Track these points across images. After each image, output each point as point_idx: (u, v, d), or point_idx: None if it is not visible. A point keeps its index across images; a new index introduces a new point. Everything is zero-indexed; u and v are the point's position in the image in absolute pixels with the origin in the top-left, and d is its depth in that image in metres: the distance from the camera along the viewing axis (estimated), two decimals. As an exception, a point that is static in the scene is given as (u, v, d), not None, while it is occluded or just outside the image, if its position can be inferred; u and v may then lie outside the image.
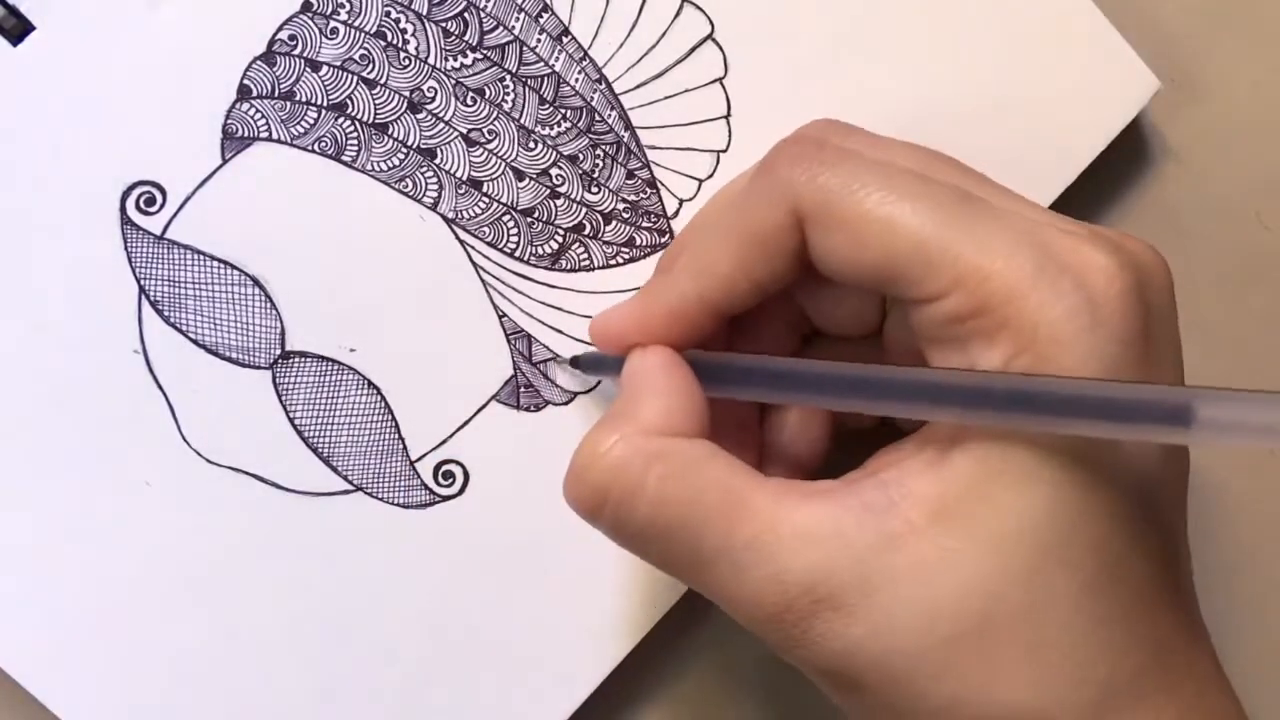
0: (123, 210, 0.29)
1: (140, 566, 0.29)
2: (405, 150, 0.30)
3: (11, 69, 0.28)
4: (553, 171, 0.30)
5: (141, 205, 0.29)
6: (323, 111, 0.29)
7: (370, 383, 0.30)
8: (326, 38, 0.29)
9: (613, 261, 0.31)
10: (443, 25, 0.30)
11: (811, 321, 0.28)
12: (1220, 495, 0.34)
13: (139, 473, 0.29)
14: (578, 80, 0.30)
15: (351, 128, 0.29)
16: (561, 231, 0.30)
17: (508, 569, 0.30)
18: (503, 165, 0.30)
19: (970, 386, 0.22)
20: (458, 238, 0.30)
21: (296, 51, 0.29)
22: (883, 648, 0.22)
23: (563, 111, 0.30)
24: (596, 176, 0.30)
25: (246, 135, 0.29)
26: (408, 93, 0.30)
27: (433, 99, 0.30)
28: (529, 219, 0.30)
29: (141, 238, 0.29)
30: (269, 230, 0.29)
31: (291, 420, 0.29)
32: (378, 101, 0.29)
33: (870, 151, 0.25)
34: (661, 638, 0.31)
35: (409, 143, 0.30)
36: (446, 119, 0.30)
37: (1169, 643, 0.23)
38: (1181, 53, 0.34)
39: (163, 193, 0.29)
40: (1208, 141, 0.35)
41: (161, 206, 0.29)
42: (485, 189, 0.30)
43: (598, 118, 0.30)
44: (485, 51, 0.30)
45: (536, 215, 0.30)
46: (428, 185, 0.30)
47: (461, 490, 0.30)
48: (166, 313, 0.29)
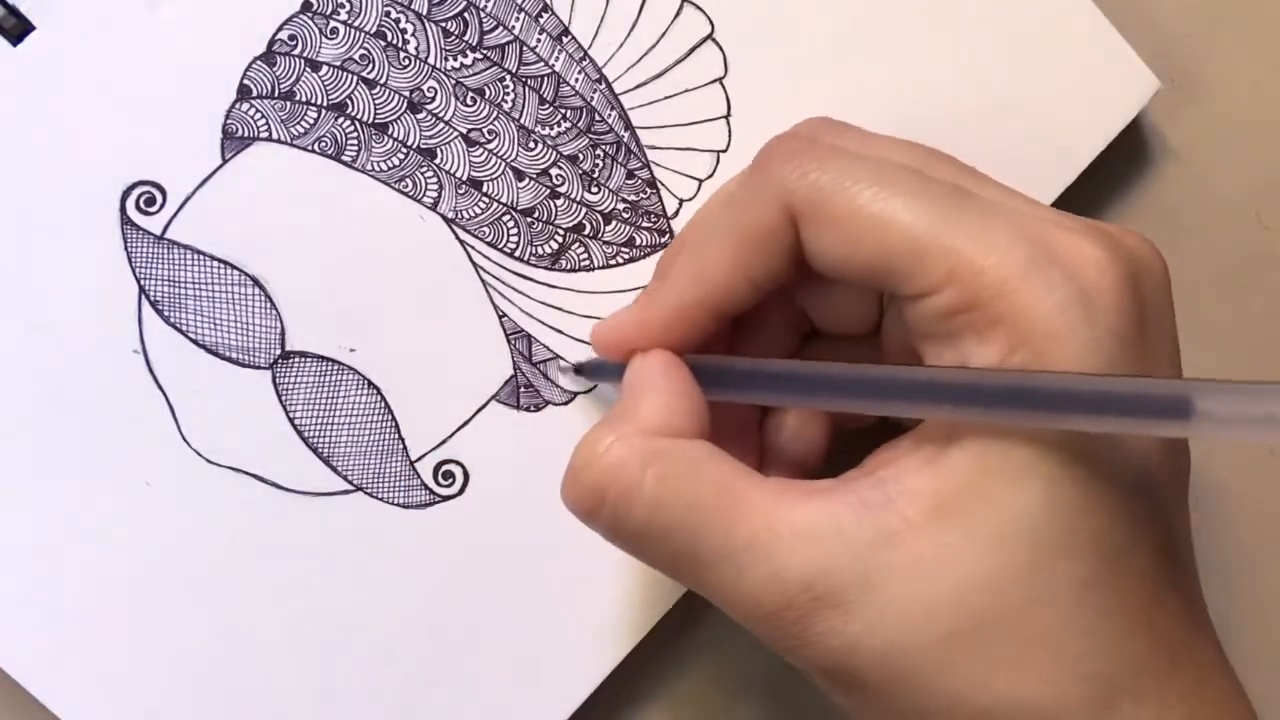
0: (123, 210, 0.29)
1: (140, 566, 0.29)
2: (405, 150, 0.30)
3: (11, 69, 0.28)
4: (553, 171, 0.30)
5: (141, 205, 0.29)
6: (323, 111, 0.29)
7: (370, 383, 0.30)
8: (326, 38, 0.29)
9: (613, 261, 0.31)
10: (443, 25, 0.30)
11: (811, 321, 0.28)
12: (1220, 495, 0.34)
13: (139, 473, 0.29)
14: (578, 80, 0.30)
15: (351, 128, 0.29)
16: (561, 231, 0.30)
17: (508, 569, 0.30)
18: (503, 165, 0.30)
19: (966, 383, 0.22)
20: (458, 238, 0.30)
21: (296, 51, 0.29)
22: (882, 645, 0.22)
23: (563, 111, 0.30)
24: (596, 176, 0.30)
25: (246, 135, 0.29)
26: (408, 93, 0.30)
27: (433, 99, 0.30)
28: (529, 219, 0.30)
29: (141, 238, 0.29)
30: (269, 230, 0.29)
31: (291, 420, 0.29)
32: (378, 101, 0.29)
33: (863, 148, 0.25)
34: (661, 638, 0.31)
35: (409, 143, 0.30)
36: (446, 119, 0.30)
37: (1171, 636, 0.23)
38: (1181, 53, 0.34)
39: (163, 193, 0.29)
40: (1208, 141, 0.35)
41: (161, 206, 0.29)
42: (485, 189, 0.30)
43: (598, 118, 0.30)
44: (485, 51, 0.30)
45: (536, 215, 0.30)
46: (428, 185, 0.30)
47: (461, 490, 0.30)
48: (166, 313, 0.29)
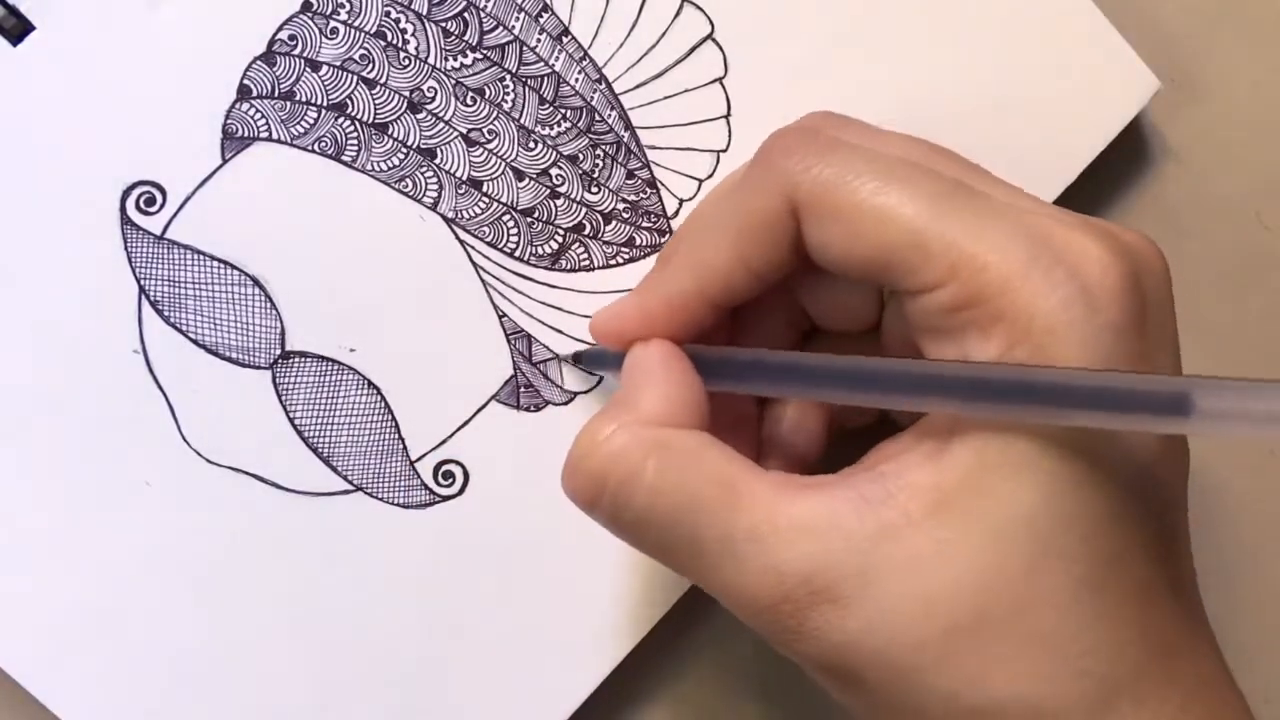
0: (123, 210, 0.29)
1: (140, 566, 0.29)
2: (405, 150, 0.30)
3: (11, 69, 0.28)
4: (553, 171, 0.30)
5: (141, 205, 0.29)
6: (323, 111, 0.29)
7: (370, 383, 0.30)
8: (326, 38, 0.29)
9: (613, 261, 0.31)
10: (443, 25, 0.30)
11: (810, 317, 0.28)
12: (1220, 495, 0.34)
13: (139, 473, 0.29)
14: (578, 80, 0.30)
15: (351, 128, 0.29)
16: (561, 231, 0.30)
17: (507, 569, 0.30)
18: (503, 165, 0.30)
19: (967, 378, 0.22)
20: (458, 238, 0.30)
21: (296, 51, 0.29)
22: (879, 640, 0.22)
23: (563, 111, 0.30)
24: (596, 176, 0.30)
25: (246, 135, 0.29)
26: (408, 93, 0.30)
27: (433, 99, 0.30)
28: (529, 219, 0.30)
29: (141, 238, 0.29)
30: (269, 230, 0.29)
31: (291, 420, 0.29)
32: (378, 101, 0.29)
33: (866, 142, 0.25)
34: (661, 638, 0.31)
35: (409, 143, 0.30)
36: (446, 119, 0.30)
37: (1169, 636, 0.23)
38: (1181, 53, 0.34)
39: (163, 193, 0.29)
40: (1208, 141, 0.35)
41: (161, 206, 0.29)
42: (485, 189, 0.30)
43: (598, 118, 0.30)
44: (485, 51, 0.30)
45: (536, 215, 0.30)
46: (428, 185, 0.30)
47: (461, 490, 0.30)
48: (166, 313, 0.29)
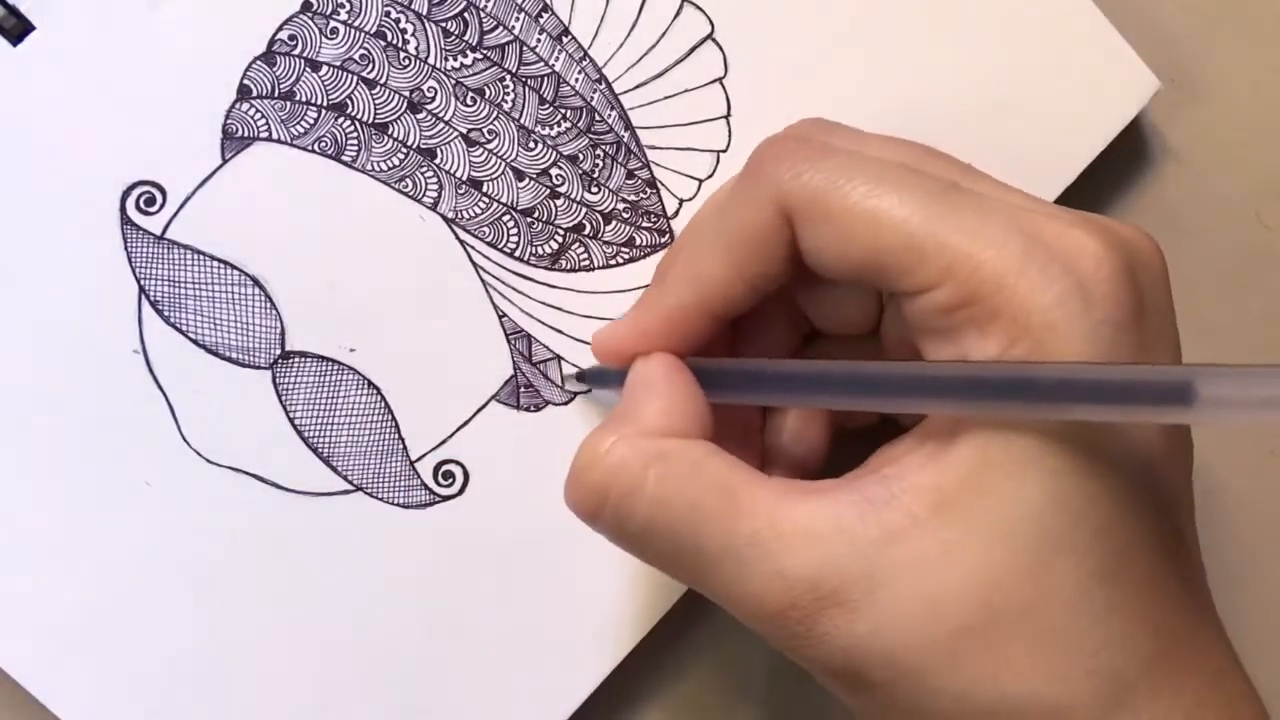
0: (123, 210, 0.29)
1: (140, 566, 0.29)
2: (405, 150, 0.30)
3: (11, 69, 0.28)
4: (553, 171, 0.30)
5: (141, 205, 0.29)
6: (323, 111, 0.29)
7: (370, 383, 0.30)
8: (326, 38, 0.29)
9: (613, 261, 0.31)
10: (443, 25, 0.30)
11: (811, 322, 0.28)
12: (1220, 495, 0.34)
13: (139, 473, 0.29)
14: (578, 80, 0.30)
15: (351, 128, 0.29)
16: (561, 231, 0.30)
17: (507, 569, 0.30)
18: (503, 165, 0.30)
19: (966, 377, 0.22)
20: (458, 238, 0.30)
21: (296, 51, 0.29)
22: (888, 643, 0.22)
23: (563, 111, 0.30)
24: (596, 176, 0.30)
25: (246, 135, 0.29)
26: (408, 93, 0.30)
27: (433, 99, 0.30)
28: (529, 219, 0.30)
29: (141, 238, 0.29)
30: (269, 230, 0.29)
31: (291, 420, 0.29)
32: (378, 101, 0.29)
33: (856, 147, 0.25)
34: (661, 638, 0.31)
35: (409, 143, 0.30)
36: (446, 119, 0.30)
37: (1180, 630, 0.23)
38: (1181, 53, 0.34)
39: (163, 193, 0.29)
40: (1208, 141, 0.35)
41: (161, 206, 0.29)
42: (485, 189, 0.30)
43: (598, 118, 0.30)
44: (485, 51, 0.30)
45: (536, 215, 0.30)
46: (428, 185, 0.30)
47: (461, 490, 0.30)
48: (166, 313, 0.29)
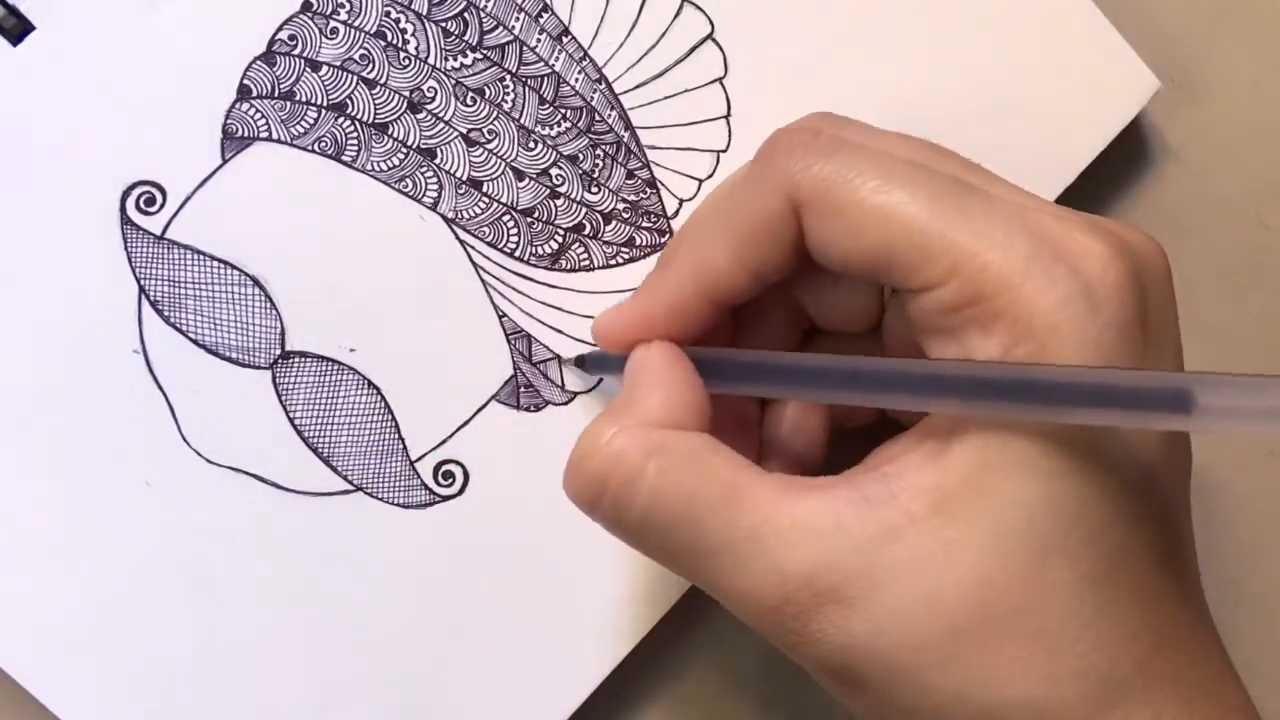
0: (123, 210, 0.29)
1: (140, 566, 0.29)
2: (405, 150, 0.30)
3: (11, 69, 0.28)
4: (553, 171, 0.30)
5: (141, 205, 0.29)
6: (323, 111, 0.29)
7: (370, 383, 0.30)
8: (326, 38, 0.29)
9: (613, 261, 0.31)
10: (443, 25, 0.30)
11: (811, 318, 0.28)
12: (1220, 495, 0.34)
13: (139, 473, 0.29)
14: (578, 80, 0.30)
15: (351, 128, 0.29)
16: (561, 231, 0.30)
17: (507, 569, 0.30)
18: (503, 165, 0.30)
19: (968, 377, 0.22)
20: (458, 238, 0.30)
21: (296, 51, 0.29)
22: (884, 641, 0.22)
23: (563, 111, 0.30)
24: (596, 176, 0.30)
25: (246, 135, 0.29)
26: (408, 93, 0.30)
27: (433, 99, 0.30)
28: (529, 219, 0.30)
29: (141, 238, 0.29)
30: (269, 230, 0.29)
31: (291, 420, 0.29)
32: (378, 101, 0.29)
33: (867, 142, 0.25)
34: (661, 638, 0.31)
35: (409, 143, 0.30)
36: (446, 119, 0.30)
37: (1173, 633, 0.23)
38: (1181, 53, 0.34)
39: (163, 193, 0.29)
40: (1208, 141, 0.35)
41: (161, 206, 0.29)
42: (485, 189, 0.30)
43: (598, 118, 0.30)
44: (485, 51, 0.30)
45: (536, 215, 0.30)
46: (428, 185, 0.30)
47: (461, 490, 0.30)
48: (166, 313, 0.29)
